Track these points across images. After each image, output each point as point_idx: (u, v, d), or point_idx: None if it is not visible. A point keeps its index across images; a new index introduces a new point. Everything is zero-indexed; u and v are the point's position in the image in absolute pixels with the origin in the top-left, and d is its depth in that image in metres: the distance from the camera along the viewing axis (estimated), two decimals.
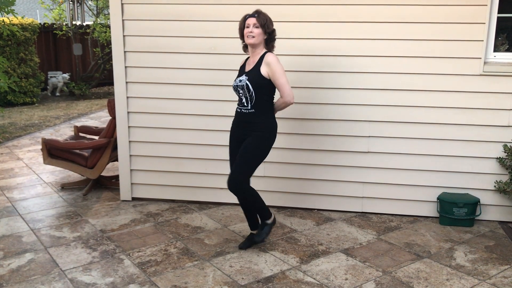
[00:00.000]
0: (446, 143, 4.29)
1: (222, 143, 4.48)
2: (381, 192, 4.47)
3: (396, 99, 4.27)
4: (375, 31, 4.18)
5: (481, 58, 4.09)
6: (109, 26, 12.00)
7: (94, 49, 12.48)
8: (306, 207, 4.62)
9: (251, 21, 3.46)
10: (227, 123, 3.91)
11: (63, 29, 12.15)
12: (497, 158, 4.23)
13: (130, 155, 4.74)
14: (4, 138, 7.62)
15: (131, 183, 4.80)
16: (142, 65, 4.56)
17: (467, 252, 3.77)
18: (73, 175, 5.65)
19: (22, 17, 10.87)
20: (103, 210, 4.60)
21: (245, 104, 3.51)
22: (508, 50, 4.26)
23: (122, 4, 4.45)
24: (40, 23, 11.81)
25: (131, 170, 4.77)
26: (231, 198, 4.61)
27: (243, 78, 3.49)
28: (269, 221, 3.73)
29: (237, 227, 4.21)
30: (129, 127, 4.69)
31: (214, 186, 4.68)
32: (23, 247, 3.79)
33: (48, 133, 7.99)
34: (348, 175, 4.48)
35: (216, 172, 4.63)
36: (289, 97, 3.48)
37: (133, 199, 4.85)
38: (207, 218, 4.40)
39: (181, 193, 4.77)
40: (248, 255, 3.68)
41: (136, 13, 4.46)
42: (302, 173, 4.54)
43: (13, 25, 9.89)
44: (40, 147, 6.76)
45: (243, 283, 3.26)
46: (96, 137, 5.39)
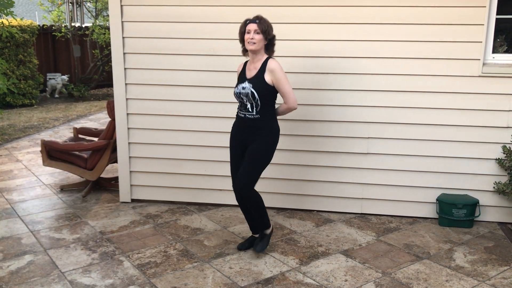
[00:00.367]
0: (445, 144, 4.29)
1: (221, 144, 4.48)
2: (381, 194, 4.47)
3: (395, 101, 4.28)
4: (374, 33, 4.18)
5: (480, 60, 4.10)
6: (108, 28, 12.00)
7: (93, 51, 12.47)
8: (306, 208, 4.62)
9: (252, 27, 3.41)
10: (226, 124, 3.91)
11: (62, 30, 12.15)
12: (496, 159, 4.24)
13: (130, 157, 4.74)
14: (3, 140, 7.61)
15: (131, 185, 4.80)
16: (142, 67, 4.56)
17: (467, 253, 3.78)
18: (72, 177, 5.64)
19: (21, 19, 10.84)
20: (102, 211, 4.59)
21: (250, 110, 3.49)
22: (507, 52, 4.27)
23: (122, 6, 4.45)
24: (39, 25, 11.79)
25: (130, 171, 4.77)
26: (230, 200, 4.61)
27: (247, 86, 3.45)
28: (268, 231, 3.73)
29: (236, 228, 4.21)
30: (128, 128, 4.69)
31: (213, 187, 4.68)
32: (22, 249, 3.78)
33: (47, 135, 7.98)
34: (347, 176, 4.48)
35: (215, 174, 4.63)
36: (293, 103, 3.51)
37: (133, 200, 4.85)
38: (207, 219, 4.40)
39: (180, 194, 4.77)
40: (248, 256, 3.68)
41: (135, 15, 4.47)
42: (301, 174, 4.54)
43: (12, 26, 9.90)
44: (39, 148, 6.75)
45: (242, 284, 3.26)
46: (96, 139, 5.40)
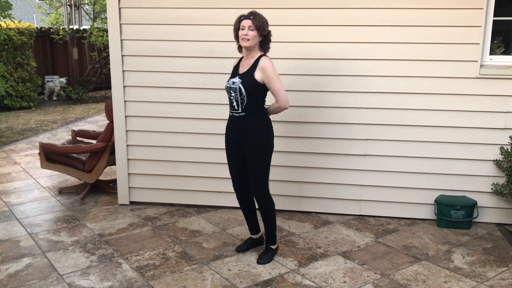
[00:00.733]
0: (443, 146, 4.30)
1: (220, 146, 4.47)
2: (379, 195, 4.48)
3: (393, 102, 4.29)
4: (371, 35, 4.19)
5: (477, 61, 4.11)
6: (106, 30, 12.00)
7: (91, 53, 12.47)
8: (304, 210, 4.62)
9: (246, 23, 3.36)
10: (225, 126, 3.91)
11: (60, 33, 12.14)
12: (494, 160, 4.25)
13: (128, 159, 4.74)
14: (1, 143, 7.60)
15: (129, 187, 4.80)
16: (140, 69, 4.56)
17: (465, 255, 3.78)
18: (70, 179, 5.64)
19: (19, 22, 10.85)
20: (101, 214, 4.59)
21: (235, 108, 3.46)
22: (504, 53, 4.29)
23: (120, 8, 4.46)
24: (37, 28, 11.78)
25: (129, 174, 4.77)
26: (229, 202, 4.62)
27: (237, 81, 3.43)
28: (274, 247, 3.70)
29: (235, 230, 4.21)
30: (126, 131, 4.68)
31: (212, 189, 4.68)
32: (20, 252, 3.78)
33: (45, 137, 7.97)
34: (345, 178, 4.48)
35: (214, 176, 4.63)
36: (284, 102, 3.44)
37: (131, 203, 4.84)
38: (205, 221, 4.40)
39: (179, 196, 4.77)
40: (247, 258, 3.68)
41: (133, 17, 4.47)
42: (300, 176, 4.54)
43: (10, 29, 9.89)
44: (38, 151, 6.75)
45: (241, 286, 3.26)
46: (94, 141, 5.39)
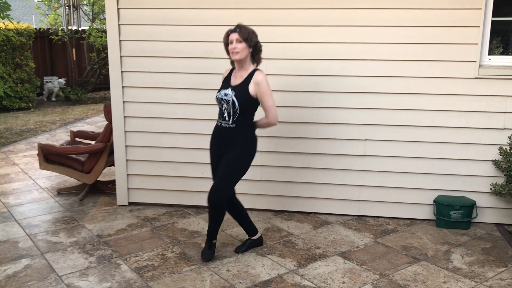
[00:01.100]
0: (442, 146, 4.30)
1: None
2: (378, 195, 4.48)
3: (392, 103, 4.29)
4: (370, 35, 4.19)
5: (476, 62, 4.11)
6: (105, 31, 12.00)
7: (90, 54, 12.47)
8: (303, 210, 4.62)
9: (234, 36, 3.38)
10: None
11: (59, 34, 12.14)
12: (492, 160, 4.25)
13: (127, 160, 4.74)
14: None
15: (128, 188, 4.79)
16: (139, 69, 4.56)
17: (464, 255, 3.78)
18: (69, 180, 5.63)
19: (18, 22, 10.87)
20: (99, 215, 4.58)
21: (226, 119, 3.46)
22: (502, 53, 4.29)
23: (118, 9, 4.45)
24: (35, 28, 11.79)
25: (127, 174, 4.76)
26: None
27: (230, 93, 3.43)
28: (253, 237, 3.83)
29: (234, 231, 4.21)
30: (125, 131, 4.68)
31: None
32: (19, 253, 3.77)
33: (44, 138, 7.97)
34: (344, 178, 4.48)
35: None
36: (274, 119, 3.48)
37: (130, 203, 4.84)
38: (204, 222, 4.40)
39: (178, 197, 4.77)
40: (245, 259, 3.68)
41: (132, 18, 4.47)
42: (298, 176, 4.54)
43: (9, 30, 9.88)
44: (36, 152, 6.73)
45: (240, 287, 3.26)
46: (93, 142, 5.38)
